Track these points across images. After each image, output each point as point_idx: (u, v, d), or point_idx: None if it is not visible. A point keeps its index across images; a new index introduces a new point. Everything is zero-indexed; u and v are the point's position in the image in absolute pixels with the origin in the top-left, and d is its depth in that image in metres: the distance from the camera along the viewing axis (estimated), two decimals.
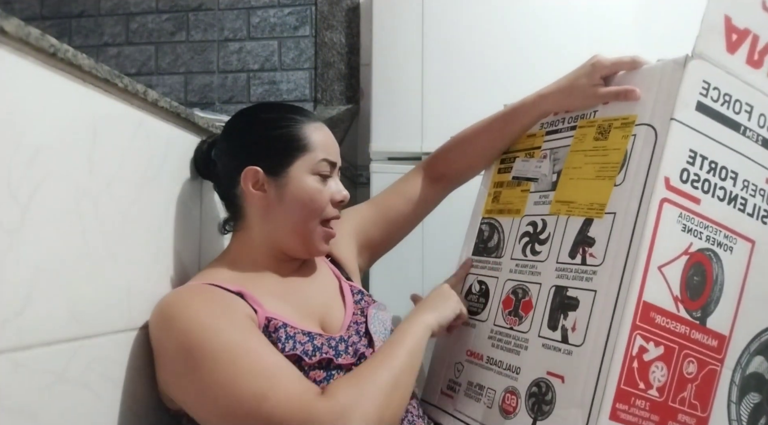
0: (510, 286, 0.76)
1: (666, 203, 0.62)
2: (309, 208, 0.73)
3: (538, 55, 1.23)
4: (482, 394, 0.74)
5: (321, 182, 0.74)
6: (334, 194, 0.76)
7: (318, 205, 0.74)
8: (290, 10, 1.61)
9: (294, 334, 0.66)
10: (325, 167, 0.75)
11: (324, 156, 0.74)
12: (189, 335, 0.60)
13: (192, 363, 0.59)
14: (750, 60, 0.67)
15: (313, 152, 0.74)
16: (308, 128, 0.75)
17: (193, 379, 0.60)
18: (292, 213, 0.73)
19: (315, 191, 0.74)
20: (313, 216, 0.74)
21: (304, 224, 0.74)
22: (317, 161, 0.74)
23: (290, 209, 0.73)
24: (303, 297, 0.75)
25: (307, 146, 0.74)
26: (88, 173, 0.59)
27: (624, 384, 0.59)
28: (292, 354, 0.64)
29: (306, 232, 0.74)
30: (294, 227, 0.74)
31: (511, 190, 0.83)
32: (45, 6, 1.73)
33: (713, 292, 0.65)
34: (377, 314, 0.78)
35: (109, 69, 0.61)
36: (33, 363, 0.51)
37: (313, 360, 0.65)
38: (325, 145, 0.75)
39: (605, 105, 0.73)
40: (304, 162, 0.74)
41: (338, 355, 0.68)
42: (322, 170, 0.74)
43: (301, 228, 0.74)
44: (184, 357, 0.60)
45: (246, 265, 0.74)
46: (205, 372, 0.58)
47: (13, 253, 0.49)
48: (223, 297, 0.66)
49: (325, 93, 1.63)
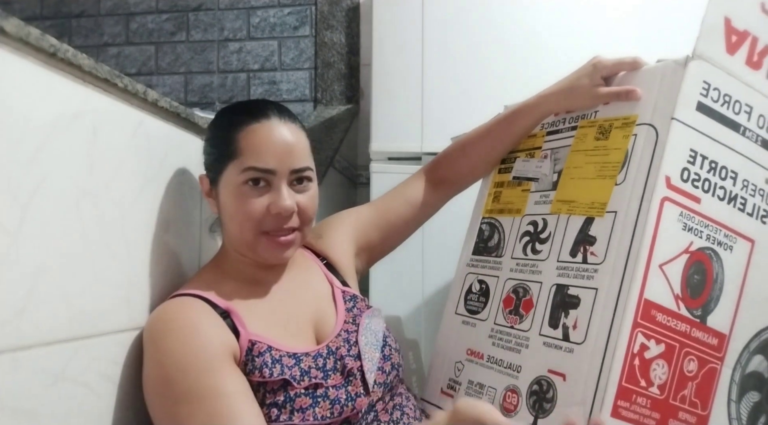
0: (510, 285, 0.76)
1: (667, 202, 0.62)
2: (237, 220, 0.69)
3: (538, 56, 1.23)
4: (483, 393, 0.74)
5: (253, 192, 0.68)
6: (270, 206, 0.68)
7: (247, 217, 0.68)
8: (290, 10, 1.61)
9: (280, 357, 0.66)
10: (252, 174, 0.67)
11: (251, 163, 0.67)
12: (162, 369, 0.62)
13: (163, 393, 0.62)
14: (749, 61, 0.67)
15: (240, 158, 0.68)
16: (243, 131, 0.68)
17: (162, 408, 0.62)
18: (229, 224, 0.71)
19: (240, 203, 0.68)
20: (245, 228, 0.69)
21: (241, 235, 0.69)
22: (243, 169, 0.67)
23: (226, 220, 0.71)
24: (293, 307, 0.74)
25: (235, 152, 0.68)
26: (88, 173, 0.59)
27: (625, 382, 0.59)
28: (280, 378, 0.64)
29: (249, 243, 0.70)
30: (235, 236, 0.71)
31: (512, 190, 0.83)
32: (45, 6, 1.73)
33: (713, 291, 0.65)
34: (370, 323, 0.76)
35: (109, 69, 0.61)
36: (33, 363, 0.51)
37: (301, 386, 0.65)
38: (257, 150, 0.67)
39: (606, 105, 0.73)
40: (233, 169, 0.68)
41: (326, 377, 0.67)
42: (250, 179, 0.67)
43: (240, 238, 0.70)
44: (158, 385, 0.62)
45: (232, 271, 0.74)
46: (168, 406, 0.61)
47: (13, 253, 0.49)
48: (206, 323, 0.64)
49: (325, 93, 1.63)
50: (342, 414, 0.66)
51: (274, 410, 0.64)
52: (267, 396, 0.64)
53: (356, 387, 0.69)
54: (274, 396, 0.64)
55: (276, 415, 0.63)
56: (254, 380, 0.64)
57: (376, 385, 0.71)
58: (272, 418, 0.63)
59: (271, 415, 0.63)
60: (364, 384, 0.70)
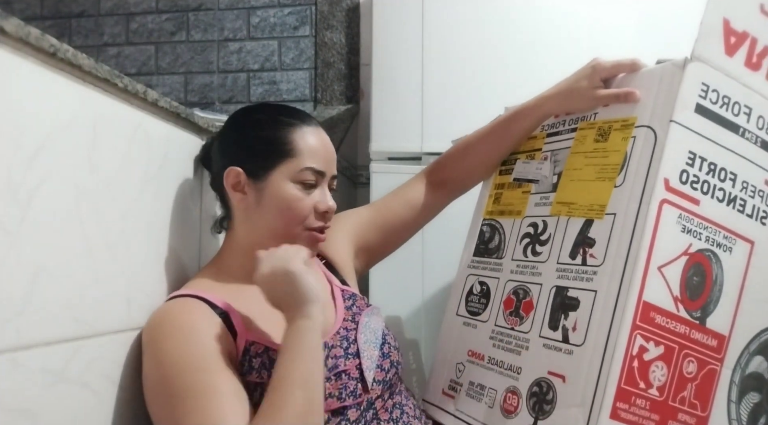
0: (511, 287, 0.76)
1: (666, 204, 0.62)
2: (287, 215, 0.71)
3: (538, 56, 1.23)
4: (483, 394, 0.74)
5: (303, 191, 0.72)
6: (318, 204, 0.73)
7: (297, 213, 0.71)
8: (290, 10, 1.61)
9: (276, 357, 0.65)
10: (309, 175, 0.72)
11: (309, 164, 0.72)
12: (160, 368, 0.63)
13: (161, 393, 0.62)
14: (748, 63, 0.67)
15: (298, 158, 0.71)
16: (297, 132, 0.73)
17: (161, 407, 0.63)
18: (271, 218, 0.72)
19: (294, 200, 0.71)
20: (293, 223, 0.72)
21: (285, 229, 0.72)
22: (300, 169, 0.71)
23: (269, 215, 0.72)
24: None
25: (292, 151, 0.71)
26: (88, 173, 0.59)
27: (624, 384, 0.59)
28: None
29: (287, 237, 0.72)
30: (273, 231, 0.72)
31: (512, 191, 0.83)
32: (45, 6, 1.73)
33: (713, 292, 0.66)
34: (369, 321, 0.77)
35: (109, 69, 0.61)
36: (33, 363, 0.51)
37: None
38: (313, 152, 0.72)
39: (605, 107, 0.73)
40: (286, 168, 0.71)
41: None
42: (306, 179, 0.71)
43: (281, 233, 0.72)
44: (157, 385, 0.63)
45: (235, 270, 0.74)
46: (166, 405, 0.61)
47: (13, 253, 0.49)
48: (204, 323, 0.65)
49: (325, 93, 1.63)
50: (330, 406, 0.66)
51: None
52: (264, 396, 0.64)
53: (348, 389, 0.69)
54: None
55: None
56: (251, 380, 0.64)
57: (375, 383, 0.71)
58: None
59: None
60: (363, 381, 0.70)
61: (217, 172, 0.75)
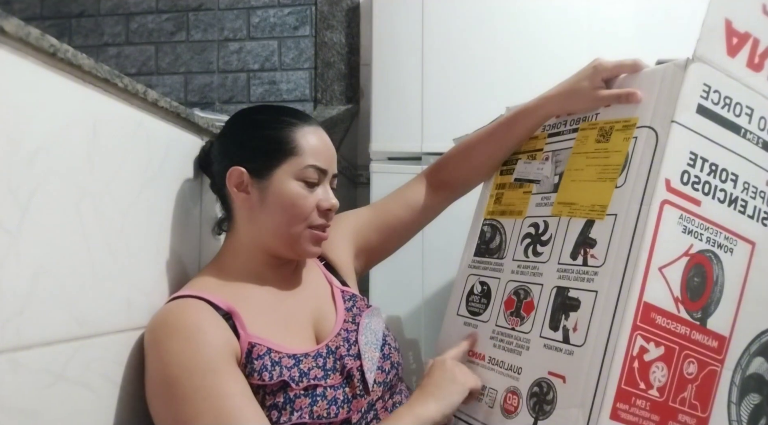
0: (512, 287, 0.76)
1: (667, 205, 0.62)
2: (290, 213, 0.72)
3: (538, 56, 1.23)
4: (484, 394, 0.74)
5: (306, 189, 0.72)
6: (321, 202, 0.73)
7: (300, 211, 0.72)
8: (290, 10, 1.61)
9: (279, 359, 0.66)
10: (312, 173, 0.72)
11: (312, 162, 0.72)
12: (166, 369, 0.62)
13: (167, 394, 0.62)
14: (750, 63, 0.67)
15: (300, 156, 0.72)
16: (299, 131, 0.73)
17: (167, 408, 0.62)
18: (275, 217, 0.72)
19: (298, 197, 0.71)
20: (297, 221, 0.72)
21: (288, 228, 0.72)
22: (303, 167, 0.72)
23: (272, 213, 0.72)
24: (294, 307, 0.74)
25: (295, 150, 0.72)
26: (88, 173, 0.59)
27: (624, 384, 0.59)
28: (279, 380, 0.65)
29: (291, 235, 0.72)
30: (277, 230, 0.73)
31: (513, 191, 0.83)
32: (45, 6, 1.73)
33: (713, 293, 0.65)
34: (369, 323, 0.77)
35: (109, 69, 0.61)
36: (33, 363, 0.51)
37: (300, 387, 0.65)
38: (315, 151, 0.73)
39: (607, 108, 0.73)
40: (289, 166, 0.72)
41: (326, 377, 0.68)
42: (309, 177, 0.72)
43: (284, 232, 0.72)
44: (161, 386, 0.63)
45: (237, 271, 0.74)
46: (173, 406, 0.61)
47: (13, 253, 0.49)
48: (208, 323, 0.65)
49: (325, 93, 1.63)
50: (338, 416, 0.66)
51: (274, 412, 0.64)
52: (267, 398, 0.64)
53: (354, 389, 0.69)
54: (273, 398, 0.64)
55: (276, 417, 0.64)
56: (253, 383, 0.64)
57: (376, 384, 0.71)
58: (273, 420, 0.63)
59: (272, 417, 0.63)
60: (363, 383, 0.70)
61: (219, 173, 0.75)
